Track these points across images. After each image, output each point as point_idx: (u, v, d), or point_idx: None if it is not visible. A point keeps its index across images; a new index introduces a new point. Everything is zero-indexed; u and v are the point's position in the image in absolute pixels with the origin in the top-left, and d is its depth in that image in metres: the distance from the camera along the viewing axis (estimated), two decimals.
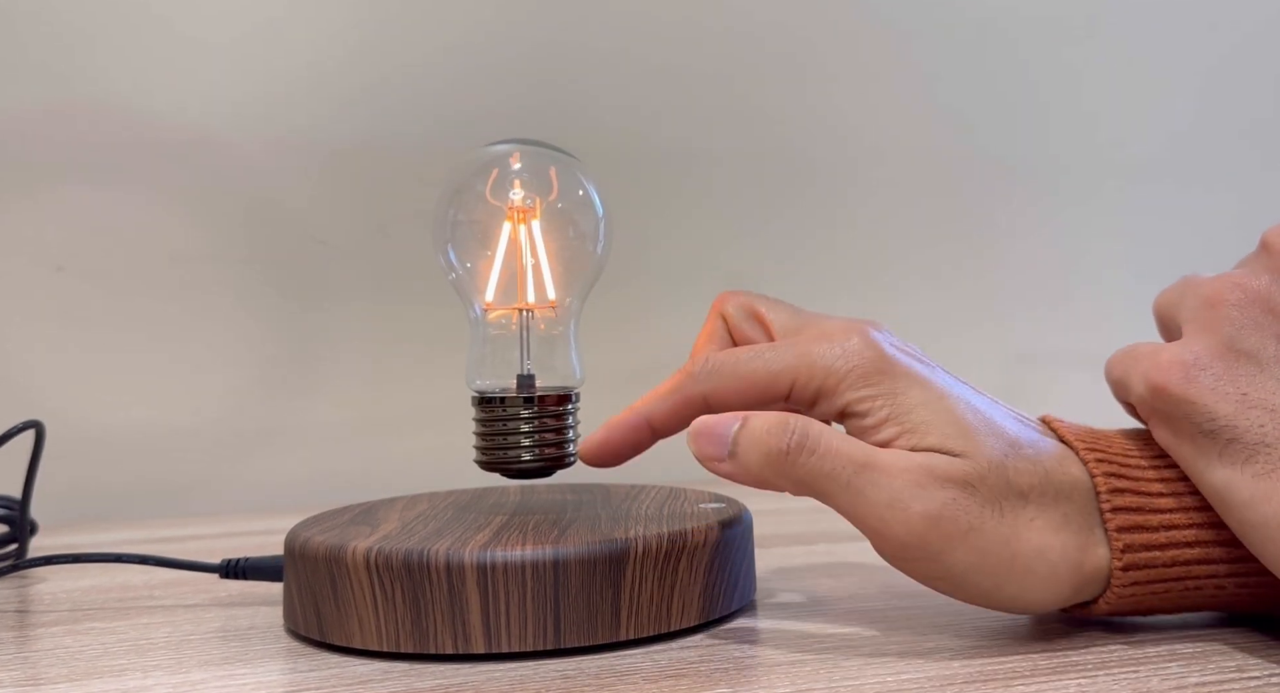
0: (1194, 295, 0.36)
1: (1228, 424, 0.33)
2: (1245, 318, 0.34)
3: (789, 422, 0.35)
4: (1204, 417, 0.33)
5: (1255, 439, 0.33)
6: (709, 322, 0.42)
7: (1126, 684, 0.32)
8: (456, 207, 0.44)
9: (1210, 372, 0.34)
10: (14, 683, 0.36)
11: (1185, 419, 0.34)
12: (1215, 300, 0.35)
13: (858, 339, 0.36)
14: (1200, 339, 0.35)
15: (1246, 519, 0.33)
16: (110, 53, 0.73)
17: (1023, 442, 0.35)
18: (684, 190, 0.82)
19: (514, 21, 0.79)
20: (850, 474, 0.34)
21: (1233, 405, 0.33)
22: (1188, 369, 0.34)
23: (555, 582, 0.36)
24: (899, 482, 0.34)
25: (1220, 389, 0.33)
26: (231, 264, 0.75)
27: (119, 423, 0.73)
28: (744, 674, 0.34)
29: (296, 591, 0.39)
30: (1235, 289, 0.35)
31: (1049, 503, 0.35)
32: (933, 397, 0.35)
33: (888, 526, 0.34)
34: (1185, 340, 0.35)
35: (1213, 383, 0.34)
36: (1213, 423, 0.33)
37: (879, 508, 0.34)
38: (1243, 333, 0.34)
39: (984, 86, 0.88)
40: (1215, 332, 0.35)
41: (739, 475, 0.36)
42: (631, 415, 0.40)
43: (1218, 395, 0.33)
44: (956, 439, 0.34)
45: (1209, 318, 0.35)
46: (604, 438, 0.40)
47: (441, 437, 0.64)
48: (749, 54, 0.84)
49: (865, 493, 0.34)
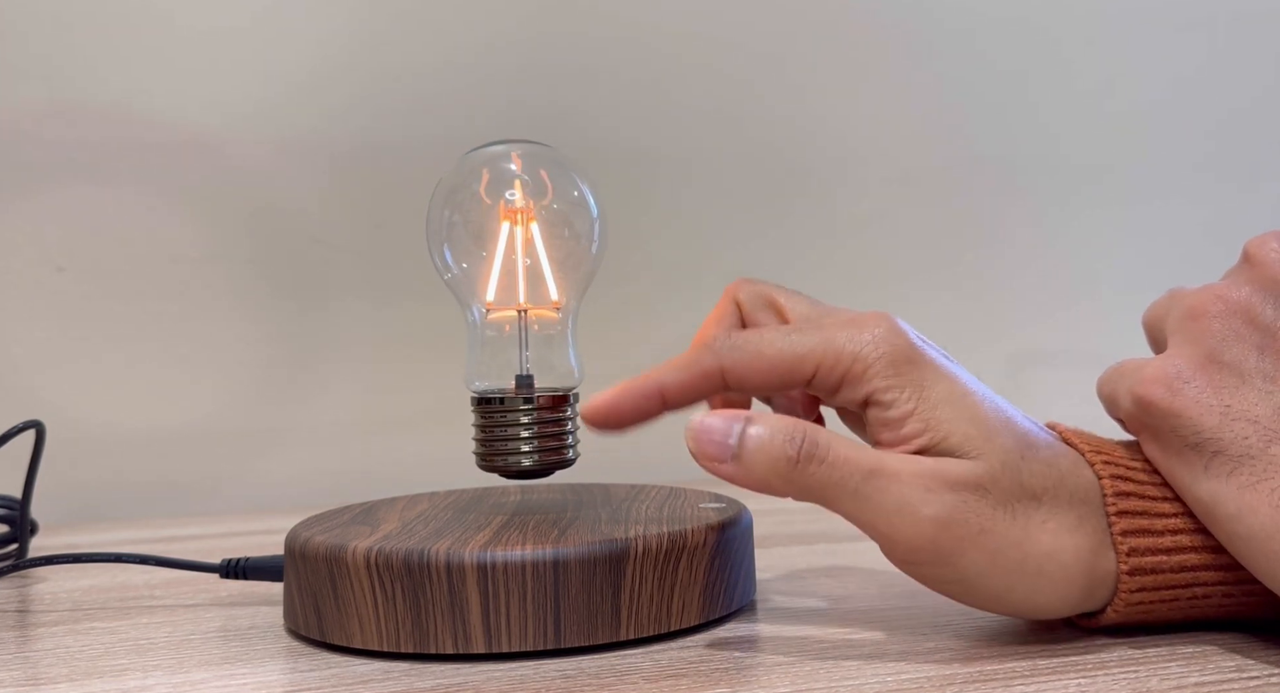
0: (1178, 308, 0.36)
1: (1213, 437, 0.33)
2: (1227, 330, 0.34)
3: (796, 428, 0.34)
4: (1189, 430, 0.33)
5: (1240, 451, 0.33)
6: (720, 305, 0.41)
7: (1126, 684, 0.32)
8: (452, 207, 0.44)
9: (1194, 384, 0.34)
10: (14, 683, 0.36)
11: (1172, 433, 0.34)
12: (1198, 312, 0.35)
13: (886, 327, 0.35)
14: (1183, 352, 0.35)
15: (1235, 532, 0.33)
16: (110, 53, 0.73)
17: (1039, 443, 0.35)
18: (682, 191, 0.82)
19: (513, 23, 0.79)
20: (858, 482, 0.34)
21: (1217, 418, 0.33)
22: (1171, 382, 0.34)
23: (555, 582, 0.36)
24: (908, 487, 0.33)
25: (1204, 402, 0.33)
26: (232, 264, 0.75)
27: (119, 423, 0.73)
28: (744, 674, 0.34)
29: (297, 590, 0.39)
30: (1217, 301, 0.35)
31: (1063, 506, 0.34)
32: (957, 393, 0.35)
33: (897, 530, 0.34)
34: (1169, 353, 0.35)
35: (1196, 395, 0.34)
36: (1198, 436, 0.33)
37: (887, 514, 0.34)
38: (1224, 345, 0.34)
39: (983, 88, 0.88)
40: (1198, 344, 0.35)
41: (741, 479, 0.35)
42: (645, 382, 0.37)
43: (1202, 408, 0.33)
44: (976, 440, 0.34)
45: (1192, 330, 0.35)
46: (613, 401, 0.37)
47: (441, 437, 0.64)
48: (747, 55, 0.84)
49: (873, 499, 0.34)
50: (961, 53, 0.88)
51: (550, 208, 0.45)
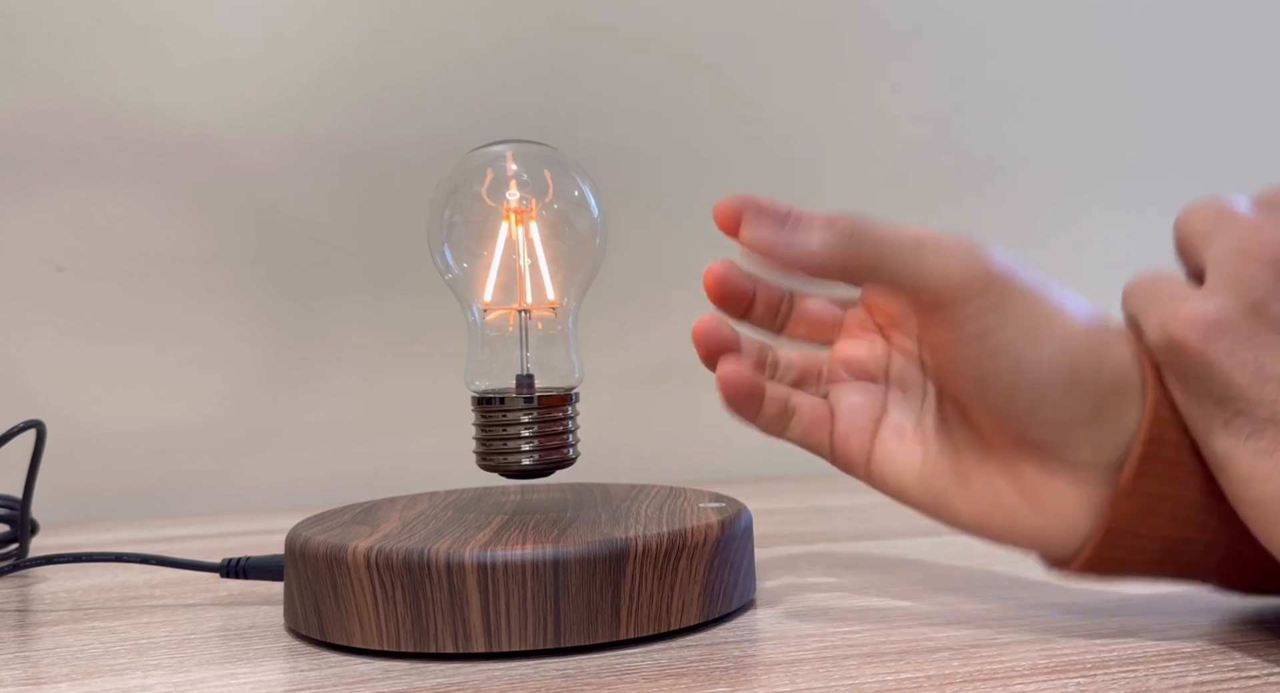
0: (1227, 237, 0.34)
1: (1239, 395, 0.32)
2: (1277, 279, 0.32)
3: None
4: (1217, 383, 0.32)
5: (1265, 415, 0.31)
6: None
7: (1125, 684, 0.32)
8: (452, 207, 0.45)
9: (1231, 335, 0.32)
10: (15, 682, 0.36)
11: (1197, 380, 0.33)
12: (1251, 253, 0.33)
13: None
14: (1226, 296, 0.32)
15: (1242, 495, 0.32)
16: (111, 53, 0.73)
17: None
18: (684, 190, 0.82)
19: (515, 23, 0.79)
20: (910, 237, 0.35)
21: (1248, 377, 0.32)
22: (1208, 329, 0.32)
23: (555, 581, 0.36)
24: (963, 242, 0.35)
25: (1239, 356, 0.32)
26: (232, 264, 0.75)
27: (120, 423, 0.73)
28: (744, 673, 0.34)
29: (297, 590, 0.39)
30: (1275, 244, 0.33)
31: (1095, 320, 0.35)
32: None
33: (952, 265, 0.34)
34: (1210, 292, 0.33)
35: (1232, 347, 0.32)
36: (1225, 391, 0.32)
37: (945, 253, 0.35)
38: (1273, 297, 0.32)
39: (984, 87, 0.88)
40: (1243, 292, 0.32)
41: (800, 245, 0.36)
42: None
43: (1234, 363, 0.32)
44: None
45: (1240, 274, 0.33)
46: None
47: (441, 437, 0.64)
48: (748, 54, 0.84)
49: (928, 244, 0.35)
50: (962, 53, 0.88)
51: (551, 208, 0.45)
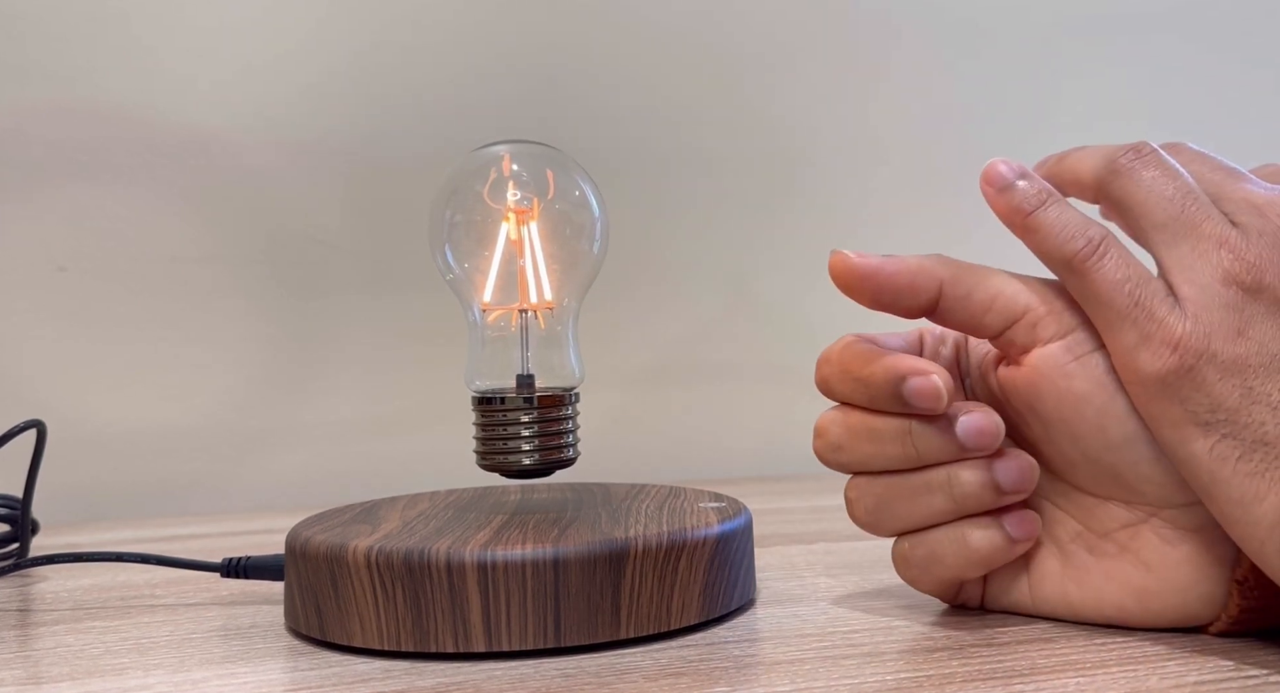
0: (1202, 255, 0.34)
1: (1228, 419, 0.31)
2: (1257, 307, 0.32)
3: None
4: (1204, 407, 0.32)
5: (1254, 438, 0.31)
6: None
7: (1125, 683, 0.32)
8: (454, 207, 0.45)
9: (1221, 357, 0.32)
10: (15, 682, 0.36)
11: (1180, 400, 0.32)
12: (1230, 277, 0.33)
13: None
14: (1212, 311, 0.32)
15: (1234, 516, 0.31)
16: (111, 53, 0.73)
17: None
18: (684, 191, 0.82)
19: (516, 23, 0.79)
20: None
21: (1237, 399, 0.31)
22: (1199, 352, 0.32)
23: (555, 581, 0.36)
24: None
25: (1228, 378, 0.31)
26: (233, 264, 0.75)
27: (120, 423, 0.73)
28: (744, 673, 0.34)
29: (297, 589, 0.39)
30: (1249, 269, 0.32)
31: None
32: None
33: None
34: (1191, 312, 0.33)
35: (1222, 368, 0.32)
36: (1213, 414, 0.32)
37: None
38: (1253, 322, 0.32)
39: (984, 87, 0.88)
40: (1228, 313, 0.32)
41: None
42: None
43: (1224, 386, 0.31)
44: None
45: (1221, 295, 0.32)
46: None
47: (441, 437, 0.64)
48: (749, 54, 0.84)
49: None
50: (965, 54, 0.88)
51: (552, 208, 0.45)
